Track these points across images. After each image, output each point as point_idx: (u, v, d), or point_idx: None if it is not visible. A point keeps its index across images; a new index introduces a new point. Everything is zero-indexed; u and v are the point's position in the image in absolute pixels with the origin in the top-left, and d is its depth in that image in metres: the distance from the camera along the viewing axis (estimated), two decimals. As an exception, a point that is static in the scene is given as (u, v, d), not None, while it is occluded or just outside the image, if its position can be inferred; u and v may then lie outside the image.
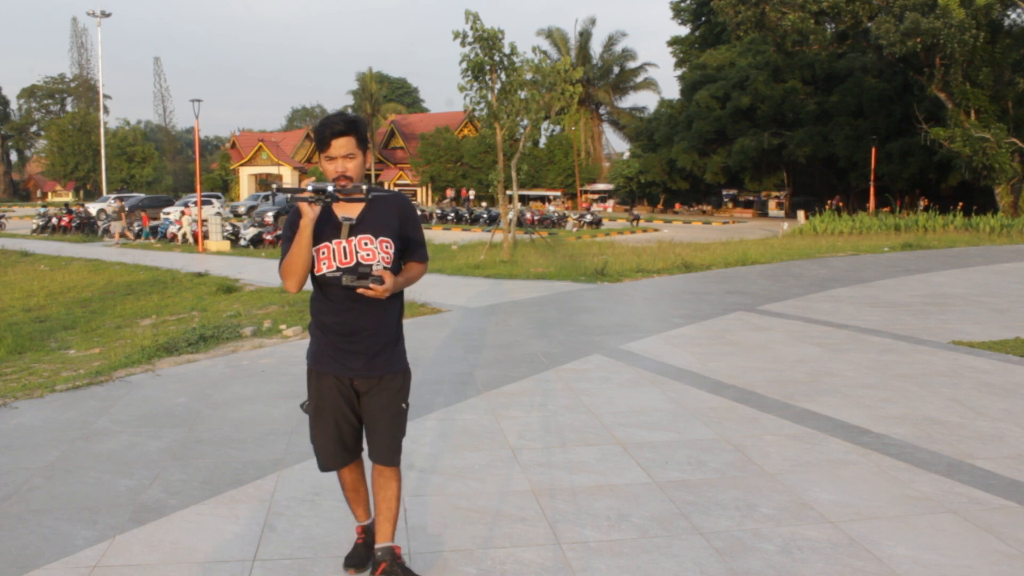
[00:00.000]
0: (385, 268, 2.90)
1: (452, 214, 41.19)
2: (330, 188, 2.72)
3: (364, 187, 2.79)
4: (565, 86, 17.69)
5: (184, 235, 26.29)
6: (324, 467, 3.12)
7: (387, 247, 2.94)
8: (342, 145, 2.86)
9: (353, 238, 2.92)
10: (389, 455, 3.05)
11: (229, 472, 4.36)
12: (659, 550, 3.44)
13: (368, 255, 2.92)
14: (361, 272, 2.82)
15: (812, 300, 11.19)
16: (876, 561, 3.33)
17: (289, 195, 2.78)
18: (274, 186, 2.73)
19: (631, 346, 7.84)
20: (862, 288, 12.57)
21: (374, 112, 68.07)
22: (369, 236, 2.93)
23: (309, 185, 2.73)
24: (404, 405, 3.11)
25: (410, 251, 3.06)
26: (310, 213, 2.77)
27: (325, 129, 2.86)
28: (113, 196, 46.50)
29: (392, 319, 3.07)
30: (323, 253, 2.92)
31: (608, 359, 7.25)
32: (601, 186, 61.14)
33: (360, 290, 2.80)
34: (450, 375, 6.65)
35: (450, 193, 54.49)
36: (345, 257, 2.91)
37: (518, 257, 17.51)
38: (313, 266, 2.95)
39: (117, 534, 3.60)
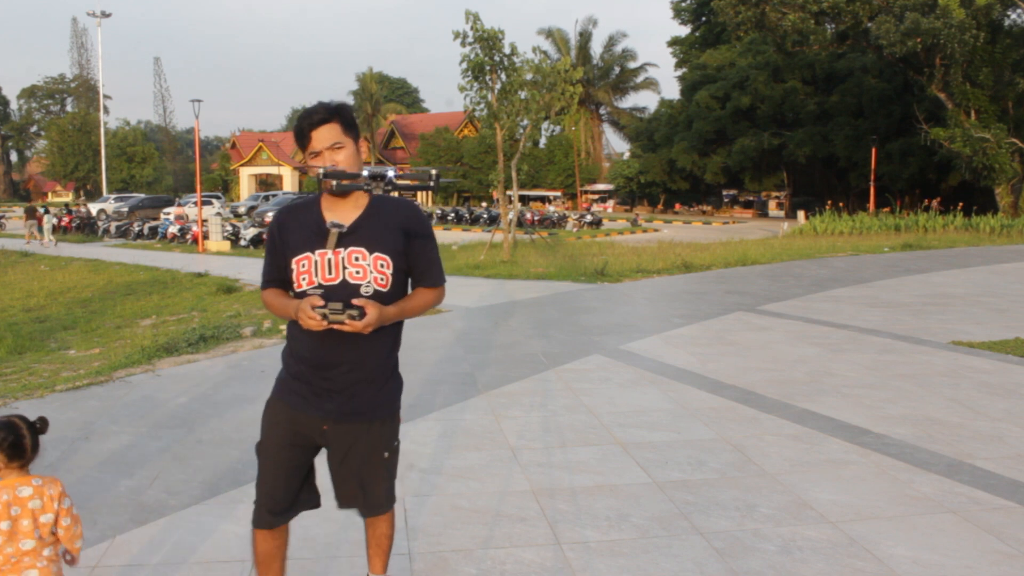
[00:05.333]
0: (378, 291, 2.41)
1: (452, 214, 41.22)
2: (390, 173, 2.25)
3: (433, 171, 2.28)
4: (565, 86, 17.69)
5: (47, 233, 26.48)
6: (258, 520, 2.58)
7: (383, 266, 2.41)
8: (325, 135, 2.38)
9: (341, 249, 2.39)
10: (378, 508, 2.64)
11: (229, 472, 4.36)
12: (659, 550, 3.44)
13: (358, 272, 2.39)
14: (331, 308, 2.28)
15: (812, 300, 11.19)
16: (876, 561, 3.33)
17: (338, 182, 2.38)
18: (320, 171, 2.27)
19: (631, 346, 7.84)
20: (862, 288, 12.57)
21: (374, 112, 68.03)
22: (362, 250, 2.40)
23: (365, 171, 2.25)
24: (387, 454, 2.59)
25: (419, 272, 2.52)
26: (314, 325, 2.29)
27: (302, 122, 2.40)
28: (113, 196, 46.54)
29: (380, 352, 2.50)
30: (303, 266, 2.41)
31: (608, 359, 7.25)
32: (601, 186, 61.15)
33: (334, 325, 2.27)
34: (450, 375, 6.65)
35: (496, 195, 54.13)
36: (329, 272, 2.39)
37: (518, 257, 17.51)
38: (292, 281, 2.46)
39: (117, 534, 3.60)
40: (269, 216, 33.66)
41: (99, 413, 5.52)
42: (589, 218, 37.82)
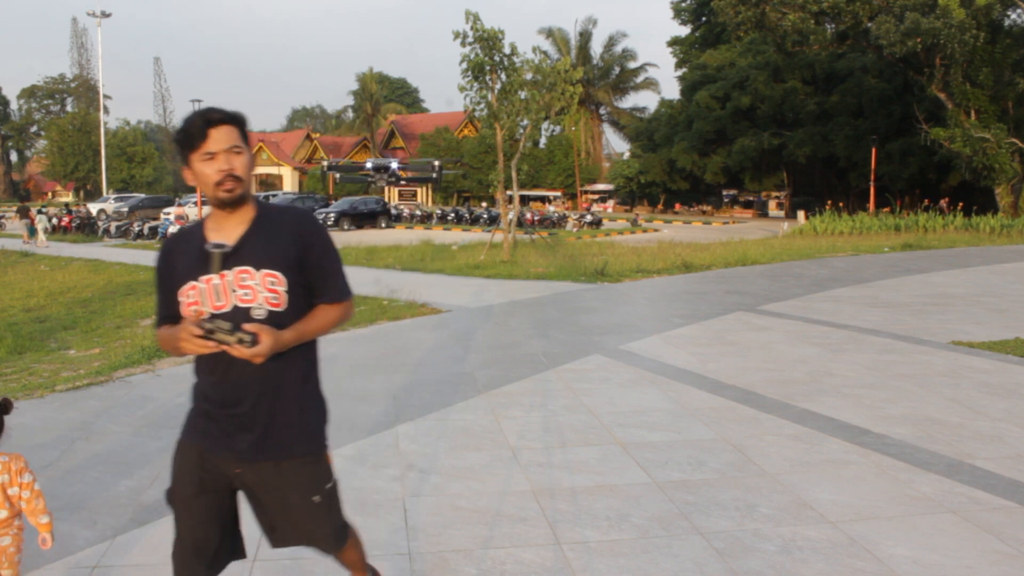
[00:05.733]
0: (273, 313, 2.14)
1: (452, 214, 41.22)
2: (394, 165, 2.14)
3: (436, 163, 2.05)
4: (565, 86, 17.69)
5: (41, 233, 26.40)
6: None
7: (273, 283, 2.15)
8: (225, 135, 2.14)
9: (228, 272, 2.14)
10: (327, 550, 2.41)
11: (229, 472, 4.36)
12: (659, 550, 3.44)
13: (247, 294, 2.14)
14: (218, 325, 2.03)
15: (812, 300, 11.19)
16: (876, 561, 3.33)
17: (340, 174, 2.12)
18: (324, 163, 2.07)
19: (631, 346, 7.84)
20: (862, 288, 12.57)
21: (374, 112, 68.00)
22: (248, 268, 2.15)
23: (368, 162, 2.16)
24: (317, 498, 2.29)
25: (318, 287, 2.25)
26: (195, 346, 2.06)
27: (198, 119, 2.14)
28: (113, 196, 46.59)
29: (293, 380, 2.24)
30: (190, 296, 2.17)
31: (608, 359, 7.26)
32: (601, 186, 61.17)
33: (223, 346, 2.03)
34: (450, 375, 6.65)
35: (500, 195, 54.02)
36: (218, 299, 2.14)
37: (518, 257, 17.51)
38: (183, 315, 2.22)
39: (117, 534, 3.60)
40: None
41: (99, 413, 5.52)
42: (589, 218, 37.83)
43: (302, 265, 2.20)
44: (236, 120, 2.18)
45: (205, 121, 2.12)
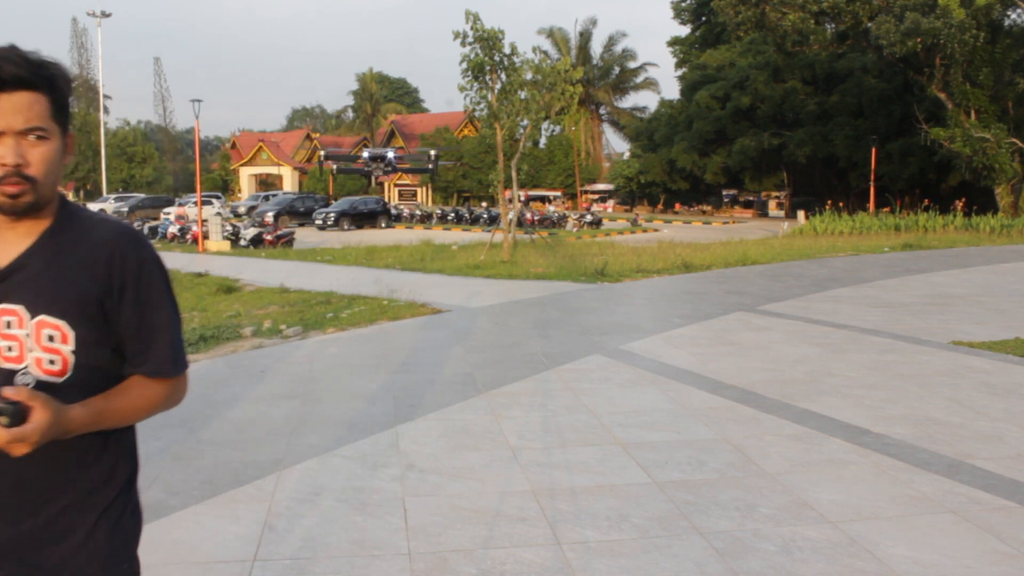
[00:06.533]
0: (45, 383, 1.40)
1: (452, 214, 41.19)
2: (390, 155, 1.60)
3: (432, 152, 1.50)
4: (565, 86, 17.68)
5: None
6: None
7: (52, 339, 1.41)
8: (21, 108, 1.37)
9: None
10: None
11: (229, 472, 4.36)
12: (659, 550, 3.44)
13: (11, 349, 1.40)
14: None
15: (812, 300, 11.19)
16: (876, 561, 3.33)
17: (337, 164, 1.66)
18: (321, 153, 1.81)
19: (631, 346, 7.84)
20: (862, 288, 12.57)
21: (374, 112, 68.00)
22: (17, 309, 1.40)
23: (366, 152, 1.73)
24: None
25: (136, 351, 1.49)
26: None
27: None
28: (113, 196, 46.60)
29: (81, 482, 1.46)
30: None
31: (608, 359, 7.25)
32: (601, 186, 61.20)
33: None
34: (450, 375, 6.65)
35: (507, 193, 53.99)
36: None
37: (518, 257, 17.51)
38: None
39: (117, 534, 3.59)
40: (269, 216, 33.68)
41: (99, 413, 5.51)
42: (589, 218, 37.84)
43: (107, 312, 1.44)
44: (47, 85, 1.40)
45: None
